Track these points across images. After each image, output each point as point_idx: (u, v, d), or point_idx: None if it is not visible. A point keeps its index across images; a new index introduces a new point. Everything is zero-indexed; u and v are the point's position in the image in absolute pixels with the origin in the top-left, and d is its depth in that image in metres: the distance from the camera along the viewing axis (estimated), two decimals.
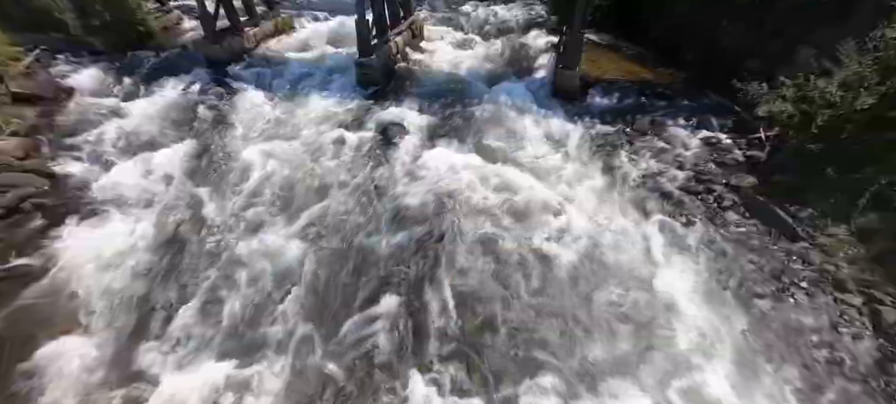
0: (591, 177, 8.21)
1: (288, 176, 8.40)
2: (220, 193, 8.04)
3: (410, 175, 8.29)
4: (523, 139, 9.35)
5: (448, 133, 9.63)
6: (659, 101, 10.38)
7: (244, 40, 14.15)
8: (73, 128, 9.84)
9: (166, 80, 12.12)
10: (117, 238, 6.94)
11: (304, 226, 7.26)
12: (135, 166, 8.64)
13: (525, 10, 16.93)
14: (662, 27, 13.54)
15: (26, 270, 6.36)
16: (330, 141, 9.39)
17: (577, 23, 9.78)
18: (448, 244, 6.75)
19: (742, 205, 7.39)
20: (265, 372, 5.23)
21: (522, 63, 12.91)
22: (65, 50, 13.54)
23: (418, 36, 14.56)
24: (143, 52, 14.07)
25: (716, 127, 9.27)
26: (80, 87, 11.57)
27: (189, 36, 15.85)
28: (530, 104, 10.47)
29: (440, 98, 10.96)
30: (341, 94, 11.34)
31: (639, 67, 12.06)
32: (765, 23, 10.44)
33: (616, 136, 9.27)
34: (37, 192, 7.66)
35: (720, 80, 10.70)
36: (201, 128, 10.09)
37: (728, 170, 8.16)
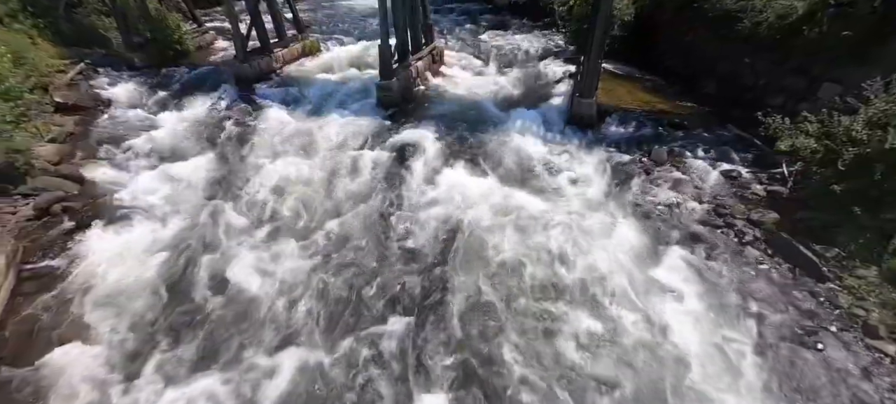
0: (607, 206, 8.03)
1: (304, 192, 8.52)
2: (238, 206, 8.17)
3: (424, 197, 8.29)
4: (538, 165, 9.29)
5: (463, 156, 9.64)
6: (676, 131, 10.22)
7: (272, 60, 14.71)
8: (106, 137, 10.28)
9: (196, 95, 12.64)
10: (137, 245, 7.10)
11: (317, 242, 7.28)
12: (160, 175, 8.92)
13: (543, 40, 17.16)
14: (680, 59, 13.53)
15: (49, 271, 6.53)
16: (347, 159, 9.53)
17: (595, 52, 9.83)
18: (458, 269, 6.64)
19: (764, 241, 7.09)
20: (270, 387, 5.14)
21: (539, 91, 12.98)
22: (107, 64, 14.33)
23: (438, 62, 14.87)
24: (177, 68, 14.79)
25: (736, 160, 9.03)
26: (116, 99, 12.16)
27: (221, 55, 16.63)
28: (546, 131, 10.46)
29: (457, 122, 11.06)
30: (361, 115, 11.57)
31: (655, 97, 11.97)
32: (787, 59, 10.31)
33: (632, 166, 9.11)
34: (67, 196, 7.95)
35: (740, 114, 10.56)
36: (225, 142, 10.41)
37: (749, 204, 7.88)
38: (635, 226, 7.51)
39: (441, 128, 10.73)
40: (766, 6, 10.65)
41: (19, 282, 6.37)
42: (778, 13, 10.34)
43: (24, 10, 14.34)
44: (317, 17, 22.73)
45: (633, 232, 7.36)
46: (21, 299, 6.12)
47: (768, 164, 8.82)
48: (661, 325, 5.76)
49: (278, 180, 8.80)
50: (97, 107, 11.63)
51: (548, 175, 8.99)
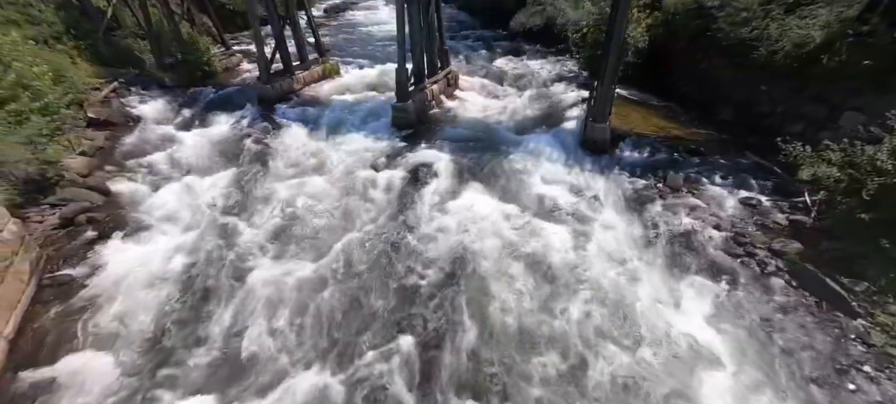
0: (621, 232, 7.80)
1: (319, 209, 8.57)
2: (254, 221, 8.26)
3: (436, 219, 8.23)
4: (551, 188, 9.14)
5: (476, 178, 9.60)
6: (692, 157, 10.01)
7: (293, 82, 15.17)
8: (133, 152, 10.64)
9: (220, 114, 13.05)
10: (155, 257, 7.19)
11: (329, 260, 7.25)
12: (181, 189, 9.12)
13: (556, 66, 17.28)
14: (694, 86, 13.40)
15: (69, 279, 6.64)
16: (361, 178, 9.59)
17: (608, 78, 9.82)
18: (468, 296, 6.47)
19: (788, 272, 6.76)
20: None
21: (552, 115, 12.98)
22: (139, 83, 14.99)
23: (453, 85, 15.09)
24: (204, 88, 15.37)
25: (755, 188, 8.75)
26: (145, 116, 12.63)
27: (246, 76, 17.25)
28: (559, 154, 10.37)
29: (470, 144, 11.09)
30: (376, 135, 11.72)
31: (670, 123, 11.82)
32: (806, 87, 10.10)
33: (647, 191, 8.90)
34: (92, 207, 8.16)
35: (758, 141, 10.32)
36: (245, 159, 10.63)
37: (770, 233, 7.58)
38: (651, 252, 7.27)
39: (454, 150, 10.76)
40: (782, 35, 10.53)
41: (40, 290, 6.50)
42: (794, 42, 10.20)
43: (67, 33, 15.23)
44: (337, 41, 23.51)
45: (650, 259, 7.12)
46: (40, 306, 6.23)
47: (789, 193, 8.52)
48: (682, 360, 5.46)
49: (293, 197, 8.89)
50: (127, 124, 12.10)
51: (560, 199, 8.83)
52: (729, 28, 11.76)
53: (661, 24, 14.09)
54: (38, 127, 9.11)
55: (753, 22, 11.25)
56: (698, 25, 12.75)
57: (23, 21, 14.32)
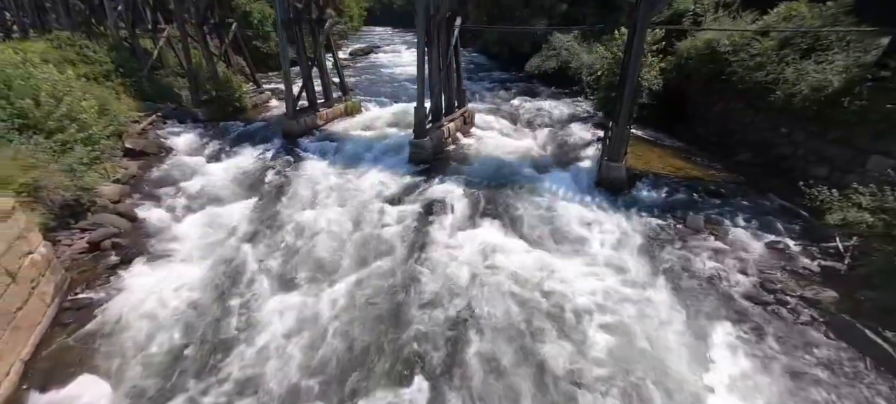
0: (641, 274, 7.41)
1: (335, 241, 8.52)
2: (270, 251, 8.25)
3: (449, 253, 8.05)
4: (566, 227, 8.90)
5: (490, 214, 9.46)
6: (712, 199, 9.66)
7: (317, 118, 15.72)
8: (163, 180, 11.00)
9: (246, 147, 13.52)
10: (172, 283, 7.18)
11: (342, 292, 7.11)
12: (204, 218, 9.27)
13: (570, 106, 17.45)
14: (711, 127, 13.25)
15: (89, 302, 6.67)
16: (377, 211, 9.58)
17: (623, 118, 9.78)
18: (482, 335, 6.17)
19: (823, 322, 6.24)
20: None
21: (567, 154, 12.93)
22: (174, 116, 15.82)
23: (469, 123, 15.34)
24: (234, 122, 16.08)
25: (781, 231, 8.31)
26: (177, 147, 13.19)
27: (274, 112, 18.02)
28: (575, 192, 10.19)
29: (485, 180, 11.05)
30: (393, 170, 11.84)
31: (687, 164, 11.57)
32: (827, 130, 9.82)
33: (666, 232, 8.56)
34: (118, 232, 8.34)
35: (780, 183, 9.96)
36: (266, 191, 10.83)
37: (801, 280, 7.08)
38: (673, 297, 6.83)
39: (469, 186, 10.72)
40: (799, 79, 10.39)
41: (61, 312, 6.53)
42: (812, 86, 10.03)
43: (116, 71, 16.40)
44: (361, 81, 24.55)
45: (671, 304, 6.68)
46: (58, 329, 6.23)
47: (818, 237, 8.05)
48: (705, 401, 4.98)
49: (310, 228, 8.90)
50: (160, 154, 12.64)
51: (576, 238, 8.55)
52: (743, 72, 11.73)
53: (675, 68, 14.18)
54: (80, 156, 9.57)
55: (768, 66, 11.19)
56: (712, 69, 12.77)
57: (78, 60, 15.52)
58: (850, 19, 10.52)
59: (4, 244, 6.07)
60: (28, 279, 6.25)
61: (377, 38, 49.52)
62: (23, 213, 6.72)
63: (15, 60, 10.11)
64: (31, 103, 9.41)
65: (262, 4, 26.59)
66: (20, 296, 5.98)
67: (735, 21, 13.52)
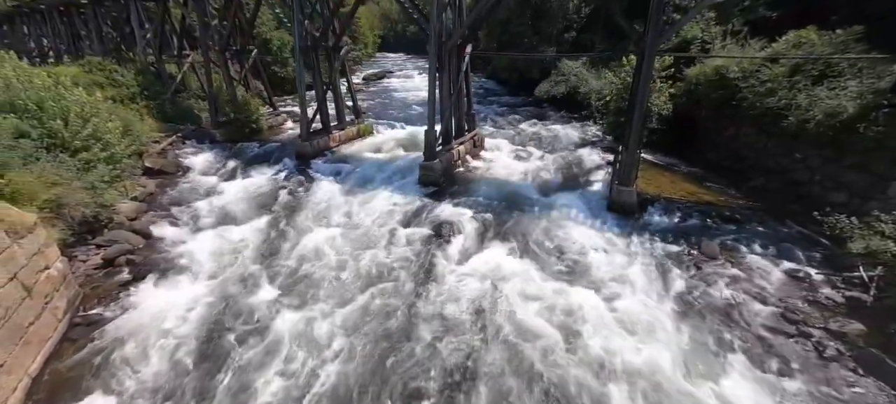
0: (655, 302, 7.13)
1: (343, 262, 8.48)
2: (279, 271, 8.23)
3: (458, 276, 7.93)
4: (577, 251, 8.71)
5: (499, 238, 9.33)
6: (727, 224, 9.39)
7: (329, 140, 16.00)
8: (178, 199, 11.20)
9: (260, 167, 13.77)
10: (181, 302, 7.18)
11: (349, 313, 7.01)
12: (216, 236, 9.35)
13: (580, 130, 17.46)
14: (722, 152, 13.05)
15: (98, 319, 6.69)
16: (386, 233, 9.55)
17: (633, 143, 9.70)
18: (489, 363, 5.97)
19: (851, 357, 5.87)
20: None
21: (577, 178, 12.83)
22: (193, 137, 16.29)
23: (479, 146, 15.42)
24: (250, 143, 16.45)
25: (801, 259, 7.99)
26: (194, 167, 13.50)
27: (289, 135, 18.42)
28: (585, 216, 10.02)
29: (494, 203, 10.97)
30: (403, 192, 11.87)
31: (700, 189, 11.34)
32: (843, 156, 9.58)
33: (681, 258, 8.28)
34: (132, 249, 8.46)
35: (798, 209, 9.66)
36: (277, 211, 10.92)
37: (824, 311, 6.74)
38: (689, 326, 6.54)
39: (478, 209, 10.65)
40: (812, 105, 10.23)
41: (71, 327, 6.55)
42: (826, 112, 9.85)
43: (141, 93, 17.08)
44: (373, 104, 25.06)
45: (689, 334, 6.39)
46: (67, 344, 6.24)
47: (840, 266, 7.72)
48: None
49: (319, 249, 8.89)
50: (177, 173, 12.94)
51: (588, 263, 8.31)
52: (754, 98, 11.61)
53: (684, 94, 14.13)
54: (102, 174, 9.83)
55: (779, 92, 11.07)
56: (722, 95, 12.68)
57: (107, 84, 16.24)
58: (861, 46, 10.43)
59: (24, 259, 6.17)
60: (42, 294, 6.32)
61: (390, 64, 50.91)
62: (44, 229, 6.86)
63: (48, 84, 10.59)
64: (61, 124, 9.79)
65: (281, 33, 27.69)
66: (33, 311, 6.03)
67: (743, 49, 13.53)
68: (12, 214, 6.46)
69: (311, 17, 15.00)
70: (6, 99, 9.40)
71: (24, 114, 9.38)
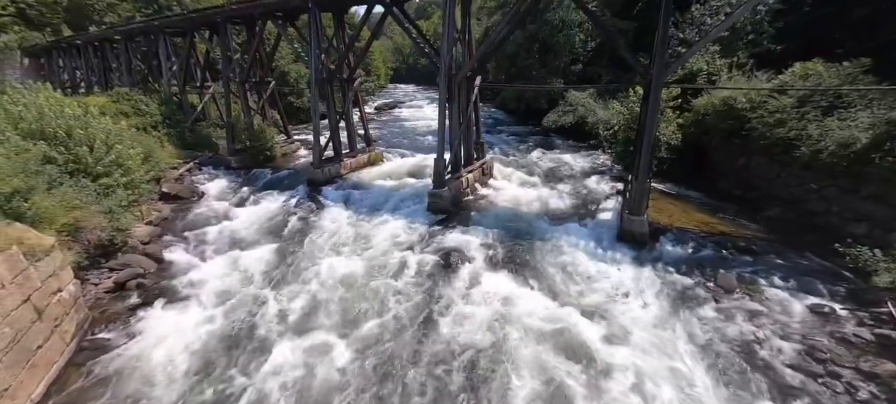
0: (671, 338, 6.80)
1: (351, 289, 8.38)
2: (287, 297, 8.14)
3: (467, 305, 7.73)
4: (588, 282, 8.47)
5: (507, 266, 9.16)
6: (743, 256, 9.07)
7: (340, 167, 16.23)
8: (192, 223, 11.34)
9: (272, 193, 13.95)
10: (188, 327, 7.12)
11: (356, 341, 6.85)
12: (226, 261, 9.37)
13: (588, 159, 17.43)
14: (734, 182, 12.84)
15: (105, 343, 6.63)
16: (395, 260, 9.45)
17: (642, 172, 9.60)
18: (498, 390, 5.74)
19: (887, 401, 5.45)
20: None
21: (587, 206, 12.68)
22: (210, 163, 16.71)
23: (488, 174, 15.46)
24: (264, 170, 16.78)
25: (824, 293, 7.62)
26: (209, 192, 13.75)
27: (302, 162, 18.78)
28: (595, 246, 9.79)
29: (502, 231, 10.85)
30: (412, 219, 11.84)
31: (713, 219, 11.07)
32: (860, 186, 9.33)
33: (697, 291, 7.95)
34: (144, 273, 8.50)
35: (816, 240, 9.33)
36: (288, 236, 10.96)
37: (853, 349, 6.34)
38: (708, 364, 6.19)
39: (487, 236, 10.52)
40: (823, 135, 10.09)
41: (78, 352, 6.50)
42: (839, 142, 9.70)
43: (163, 122, 17.73)
44: (384, 133, 25.56)
45: (708, 374, 6.02)
46: (72, 369, 6.17)
47: (866, 301, 7.34)
48: None
49: (327, 275, 8.82)
50: (192, 198, 13.18)
51: (600, 294, 8.05)
52: (763, 128, 11.52)
53: (693, 123, 14.11)
54: (120, 199, 10.05)
55: (789, 123, 10.98)
56: (731, 125, 12.63)
57: (132, 113, 16.92)
58: (870, 78, 10.38)
59: (38, 281, 6.23)
60: (53, 317, 6.33)
61: (401, 94, 52.34)
62: (60, 252, 6.96)
63: (78, 113, 11.08)
64: (86, 150, 10.14)
65: (299, 65, 28.87)
66: (43, 334, 6.02)
67: (750, 80, 13.57)
68: (31, 237, 6.58)
69: (328, 52, 15.61)
70: (38, 127, 9.82)
71: (53, 140, 9.75)
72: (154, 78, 22.11)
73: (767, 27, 15.60)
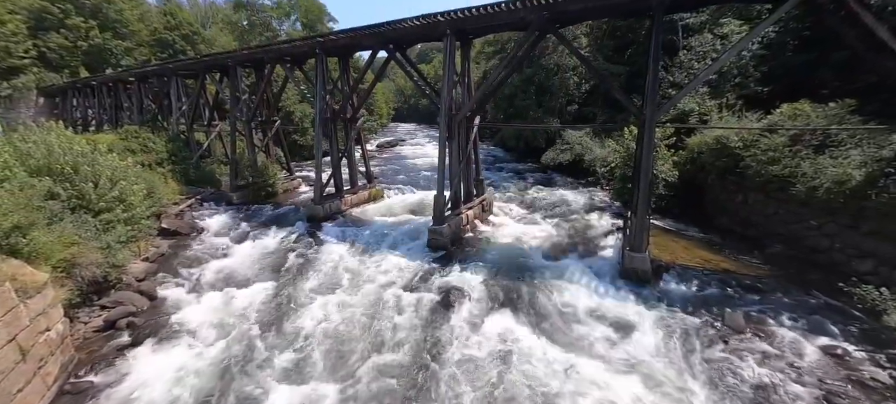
0: (679, 378, 6.48)
1: (347, 328, 8.08)
2: (281, 337, 7.83)
3: (465, 347, 7.42)
4: (592, 322, 8.16)
5: (508, 305, 8.87)
6: (749, 294, 8.84)
7: (341, 203, 16.24)
8: (190, 260, 11.15)
9: (272, 229, 13.84)
10: (177, 370, 6.77)
11: (352, 383, 6.50)
12: (221, 299, 9.11)
13: (587, 196, 17.48)
14: (733, 218, 12.79)
15: (89, 386, 6.29)
16: (392, 298, 9.19)
17: (641, 209, 9.58)
18: None
19: None
20: None
21: (587, 243, 12.54)
22: (212, 199, 16.73)
23: (487, 211, 15.45)
24: (264, 206, 16.78)
25: (836, 334, 7.34)
26: (209, 228, 13.64)
27: (303, 197, 18.83)
28: (597, 284, 9.57)
29: (503, 268, 10.64)
30: (411, 255, 11.67)
31: (716, 256, 10.90)
32: (859, 223, 9.28)
33: (705, 330, 7.65)
34: (136, 311, 8.22)
35: (821, 278, 9.15)
36: (285, 273, 10.74)
37: (872, 394, 6.00)
38: None
39: (487, 274, 10.31)
40: (817, 173, 10.18)
41: (59, 395, 6.14)
42: (833, 179, 9.77)
43: (168, 159, 17.94)
44: (386, 170, 25.83)
45: None
46: None
47: (881, 342, 7.06)
48: None
49: (323, 314, 8.55)
50: (191, 233, 13.05)
51: (604, 335, 7.74)
52: (758, 166, 11.65)
53: (688, 161, 14.30)
54: (119, 234, 9.94)
55: (782, 160, 11.11)
56: (725, 163, 12.78)
57: (139, 150, 17.17)
58: (858, 118, 10.63)
59: (27, 319, 6.01)
60: (37, 357, 6.04)
61: (403, 133, 53.54)
62: (53, 289, 6.77)
63: (86, 150, 11.22)
64: (91, 186, 10.16)
65: (304, 105, 29.72)
66: (25, 376, 5.72)
67: (740, 120, 13.91)
68: (26, 273, 6.43)
69: (333, 93, 16.11)
70: (46, 163, 9.90)
71: (60, 176, 9.79)
72: (163, 116, 22.68)
73: (753, 71, 16.23)
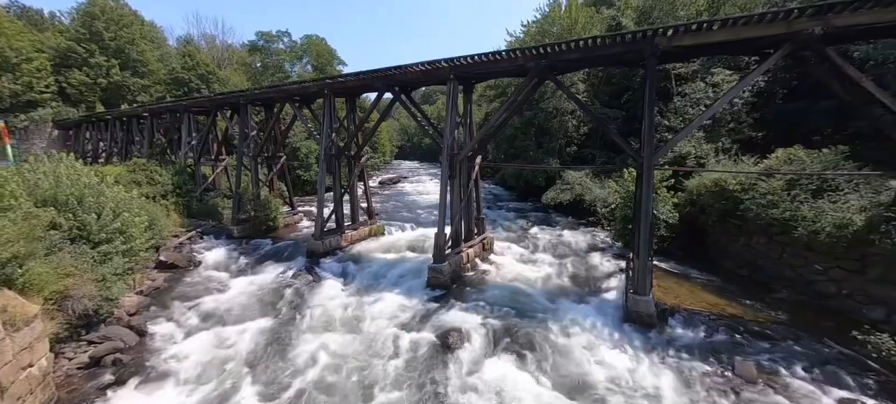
0: None
1: (341, 369, 7.72)
2: (270, 380, 7.45)
3: (466, 390, 7.05)
4: (597, 368, 7.76)
5: (509, 348, 8.51)
6: (759, 341, 8.47)
7: (341, 239, 16.11)
8: (184, 294, 10.88)
9: (270, 263, 13.64)
10: None
11: None
12: (211, 337, 8.78)
13: (588, 236, 17.33)
14: (738, 261, 12.57)
15: None
16: (390, 338, 8.85)
17: (643, 250, 9.43)
18: None
19: None
20: None
21: (587, 283, 12.27)
22: (212, 233, 16.65)
23: (488, 250, 15.28)
24: (264, 240, 16.66)
25: (853, 386, 6.94)
26: (206, 262, 13.45)
27: (303, 232, 18.73)
28: (600, 327, 9.22)
29: (503, 309, 10.32)
30: (411, 294, 11.37)
31: (722, 300, 10.59)
32: (866, 268, 9.11)
33: (715, 380, 7.25)
34: (123, 348, 7.91)
35: (834, 326, 8.82)
36: (281, 309, 10.43)
37: None
38: None
39: (487, 315, 9.98)
40: (817, 217, 10.14)
41: None
42: (834, 224, 9.71)
43: (173, 192, 18.07)
44: (387, 206, 25.88)
45: None
46: None
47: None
48: None
49: (317, 354, 8.19)
50: (188, 267, 12.84)
51: (606, 381, 7.35)
52: (758, 209, 11.63)
53: (688, 203, 14.31)
54: (116, 267, 9.76)
55: (781, 204, 11.11)
56: (725, 205, 12.77)
57: (145, 182, 17.34)
58: (852, 164, 10.76)
59: (10, 354, 5.77)
60: (15, 396, 5.74)
61: (405, 170, 54.27)
62: (42, 322, 6.56)
63: (93, 182, 11.31)
64: (93, 217, 10.13)
65: (310, 142, 30.37)
66: None
67: (736, 164, 14.09)
68: (17, 305, 6.26)
69: (338, 131, 16.50)
70: (51, 194, 9.94)
71: (64, 207, 9.79)
72: (172, 151, 23.13)
73: (746, 117, 16.68)
